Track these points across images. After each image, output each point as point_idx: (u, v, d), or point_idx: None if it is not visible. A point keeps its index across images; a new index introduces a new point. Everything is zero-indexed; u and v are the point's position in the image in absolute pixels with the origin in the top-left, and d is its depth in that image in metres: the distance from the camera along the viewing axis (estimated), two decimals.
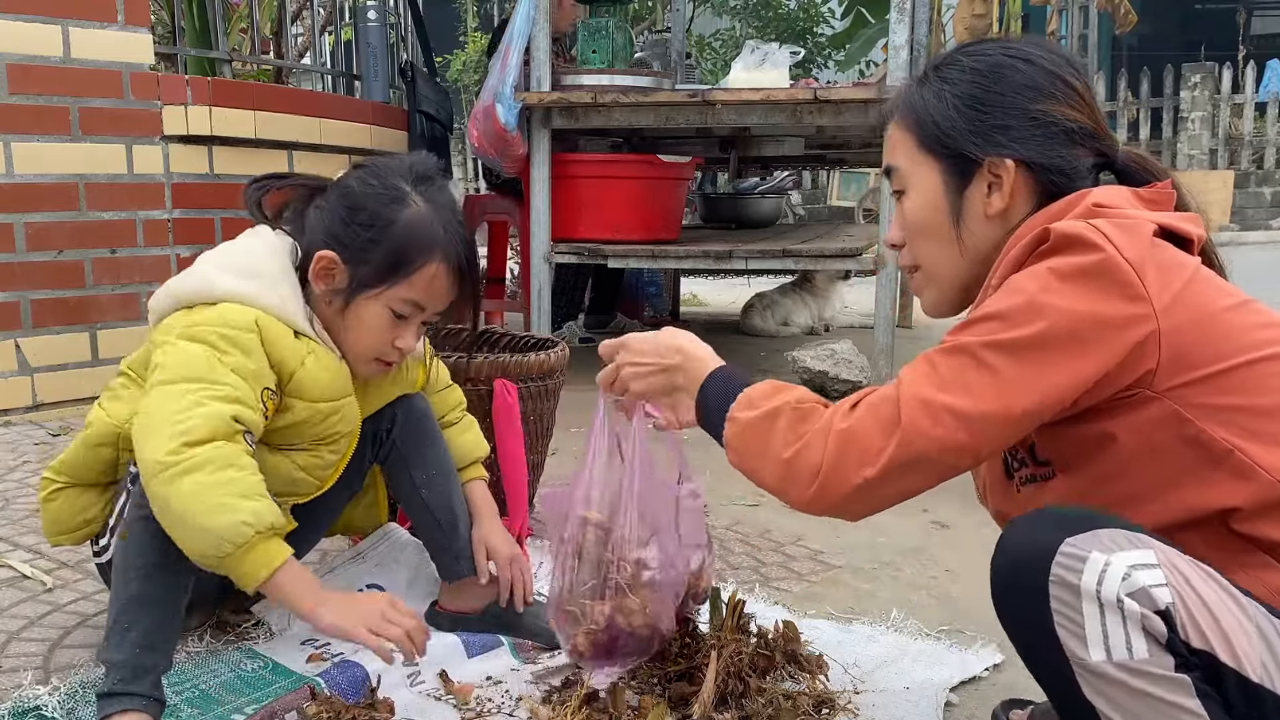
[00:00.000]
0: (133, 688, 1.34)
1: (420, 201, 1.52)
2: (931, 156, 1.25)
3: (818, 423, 1.14)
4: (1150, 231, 1.11)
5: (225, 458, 1.33)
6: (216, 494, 1.31)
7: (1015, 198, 1.21)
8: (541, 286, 4.00)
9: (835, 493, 1.11)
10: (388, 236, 1.49)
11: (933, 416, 1.06)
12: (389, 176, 1.53)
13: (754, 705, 1.43)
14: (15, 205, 3.01)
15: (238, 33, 5.08)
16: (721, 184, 7.19)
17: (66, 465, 1.58)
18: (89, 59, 3.13)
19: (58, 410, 3.11)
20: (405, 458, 1.72)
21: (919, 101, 1.26)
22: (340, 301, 1.53)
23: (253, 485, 1.35)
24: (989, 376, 1.06)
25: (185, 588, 1.42)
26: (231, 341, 1.42)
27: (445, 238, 1.52)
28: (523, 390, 2.12)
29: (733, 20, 12.52)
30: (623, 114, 3.90)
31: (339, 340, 1.55)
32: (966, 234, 1.24)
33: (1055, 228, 1.10)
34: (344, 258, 1.50)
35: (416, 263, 1.50)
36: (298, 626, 1.73)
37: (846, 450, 1.10)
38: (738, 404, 1.22)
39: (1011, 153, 1.20)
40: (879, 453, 1.08)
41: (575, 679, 1.55)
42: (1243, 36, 13.68)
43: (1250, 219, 11.21)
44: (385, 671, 1.53)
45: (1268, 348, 1.09)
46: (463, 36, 14.13)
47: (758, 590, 1.93)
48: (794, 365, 3.77)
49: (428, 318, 1.57)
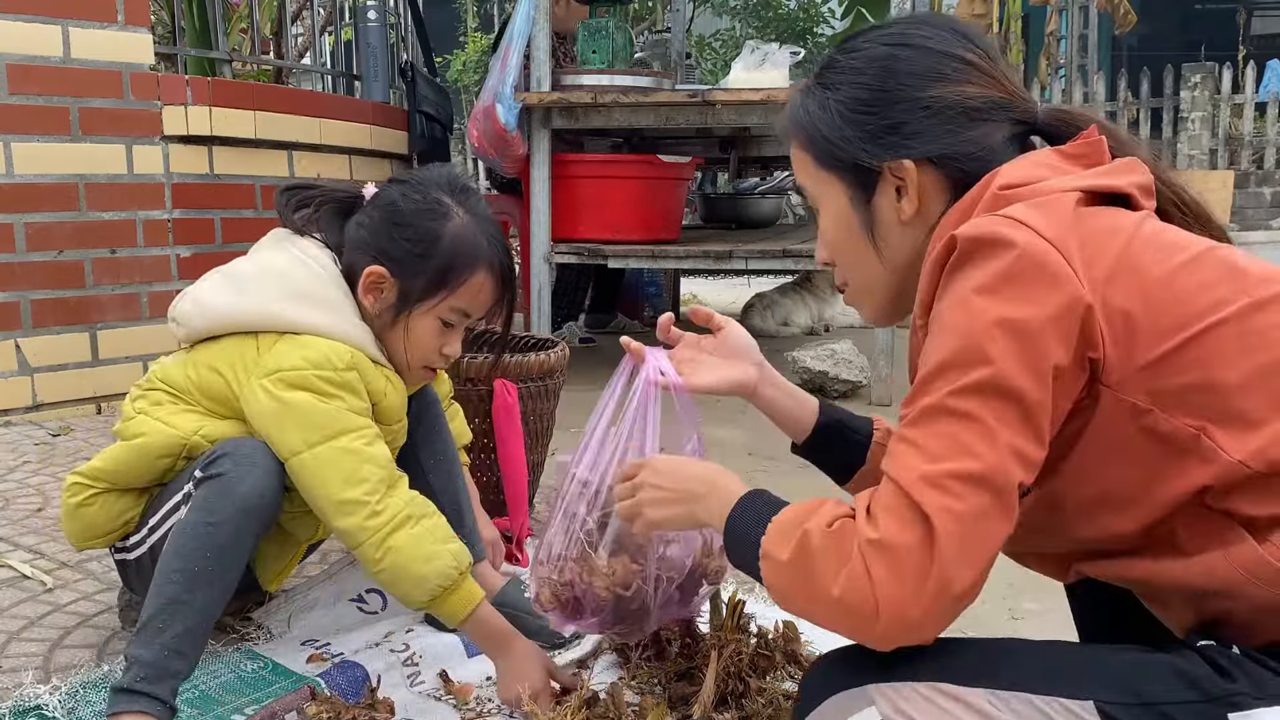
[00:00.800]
0: (153, 689, 1.34)
1: (463, 214, 1.57)
2: (829, 172, 1.17)
3: (852, 547, 0.97)
4: (1071, 203, 1.01)
5: (419, 508, 1.48)
6: (425, 544, 1.46)
7: (926, 197, 1.12)
8: (541, 286, 4.00)
9: (904, 619, 0.94)
10: (437, 251, 1.54)
11: (944, 489, 0.94)
12: (430, 190, 1.57)
13: (754, 705, 1.43)
14: (15, 205, 3.01)
15: (238, 33, 5.07)
16: (721, 184, 7.20)
17: (107, 472, 1.56)
18: (89, 59, 3.13)
19: (57, 410, 3.11)
20: (414, 444, 1.73)
21: (805, 117, 1.17)
22: (390, 315, 1.56)
23: (446, 529, 1.51)
24: (975, 425, 0.95)
25: (222, 602, 1.43)
26: (337, 385, 1.48)
27: (489, 248, 1.57)
28: (523, 390, 2.13)
29: (733, 20, 12.53)
30: (623, 114, 3.90)
31: (391, 353, 1.59)
32: (884, 245, 1.16)
33: (961, 234, 1.00)
34: (393, 272, 1.54)
35: (464, 274, 1.55)
36: (297, 628, 1.74)
37: (888, 571, 0.94)
38: (769, 537, 1.05)
39: (909, 152, 1.11)
40: (920, 558, 0.93)
41: (576, 678, 1.56)
42: (1243, 36, 13.67)
43: (1250, 219, 11.20)
44: (385, 672, 1.53)
45: (1224, 308, 0.97)
46: (463, 36, 14.13)
47: (758, 590, 1.93)
48: (794, 365, 3.77)
49: (471, 324, 1.63)
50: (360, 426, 1.47)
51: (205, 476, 1.42)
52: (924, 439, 0.97)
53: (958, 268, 1.00)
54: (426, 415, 1.75)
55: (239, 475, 1.40)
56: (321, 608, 1.80)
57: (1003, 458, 0.95)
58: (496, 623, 1.52)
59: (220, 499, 1.40)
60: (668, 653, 1.55)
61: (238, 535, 1.40)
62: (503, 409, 2.08)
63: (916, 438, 0.97)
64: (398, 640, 1.67)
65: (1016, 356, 0.95)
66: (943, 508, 0.93)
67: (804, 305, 5.55)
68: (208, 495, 1.40)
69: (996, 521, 0.95)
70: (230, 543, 1.40)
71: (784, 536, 1.03)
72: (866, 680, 1.02)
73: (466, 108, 11.94)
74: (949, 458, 0.95)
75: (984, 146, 1.11)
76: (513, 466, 2.10)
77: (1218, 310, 0.97)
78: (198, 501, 1.41)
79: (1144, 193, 1.07)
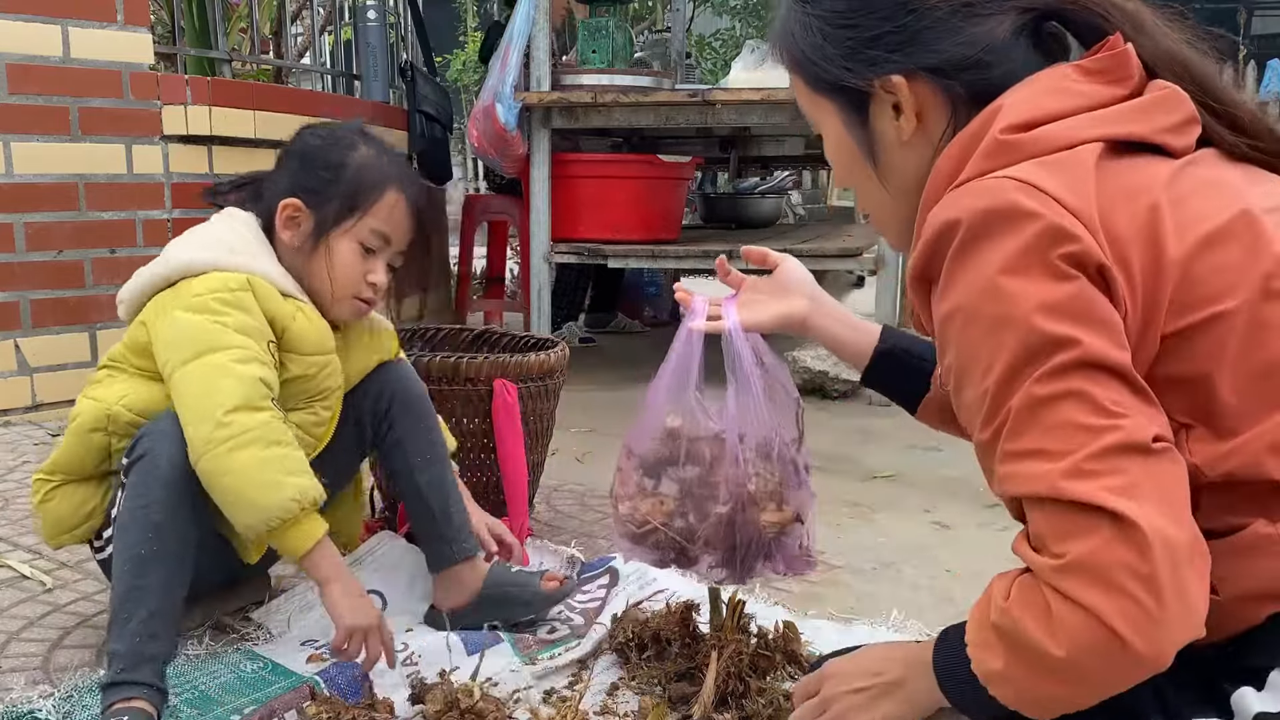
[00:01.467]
0: (135, 676, 1.36)
1: (369, 147, 1.63)
2: (822, 96, 1.07)
3: (1041, 596, 0.87)
4: (1092, 159, 0.90)
5: (270, 434, 1.42)
6: (267, 471, 1.40)
7: (927, 112, 1.01)
8: (541, 286, 4.00)
9: (1151, 624, 0.82)
10: (345, 176, 1.59)
11: (1094, 473, 0.84)
12: (336, 130, 1.65)
13: (754, 705, 1.42)
14: (15, 205, 3.01)
15: (238, 33, 5.07)
16: (721, 184, 7.19)
17: (59, 463, 1.59)
18: (89, 59, 3.13)
19: (57, 410, 3.11)
20: (401, 440, 1.73)
21: (789, 39, 1.07)
22: (310, 244, 1.60)
23: (298, 461, 1.45)
24: (1083, 401, 0.85)
25: (182, 580, 1.44)
26: (229, 303, 1.49)
27: (398, 172, 1.63)
28: (523, 390, 2.12)
29: (733, 20, 12.51)
30: (623, 114, 3.90)
31: (316, 288, 1.62)
32: (887, 168, 1.06)
33: (967, 211, 0.89)
34: (307, 202, 1.59)
35: (375, 194, 1.60)
36: (297, 628, 1.73)
37: (1097, 589, 0.83)
38: (975, 661, 0.93)
39: (897, 66, 0.99)
40: (1121, 552, 0.82)
41: (576, 679, 1.56)
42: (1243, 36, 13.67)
43: None
44: (384, 672, 1.53)
45: (1230, 297, 0.88)
46: (463, 36, 14.12)
47: (758, 590, 1.93)
48: (794, 365, 3.77)
49: (393, 257, 1.64)
50: (236, 344, 1.45)
51: (131, 462, 1.44)
52: (1038, 442, 0.87)
53: (971, 247, 0.89)
54: (413, 412, 1.75)
55: (157, 451, 1.42)
56: (321, 608, 1.79)
57: (1130, 419, 0.85)
58: (331, 564, 1.48)
59: (146, 479, 1.42)
60: (668, 653, 1.55)
61: (173, 510, 1.41)
62: (503, 409, 2.08)
63: (1028, 446, 0.87)
64: (396, 640, 1.67)
65: (1086, 329, 0.85)
66: (1107, 489, 0.83)
67: None
68: (135, 480, 1.43)
69: (1168, 470, 0.85)
70: (167, 519, 1.41)
71: (984, 646, 0.92)
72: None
73: (466, 108, 11.93)
74: (1078, 443, 0.85)
75: (984, 47, 0.98)
76: (513, 466, 2.10)
77: (1227, 297, 0.88)
78: (128, 489, 1.44)
79: (1178, 132, 0.94)
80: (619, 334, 5.55)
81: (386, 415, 1.73)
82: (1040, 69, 0.98)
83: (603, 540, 2.21)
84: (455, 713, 1.42)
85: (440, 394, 2.07)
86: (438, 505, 1.73)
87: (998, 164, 0.92)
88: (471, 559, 1.75)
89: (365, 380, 1.74)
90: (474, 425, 2.09)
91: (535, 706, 1.47)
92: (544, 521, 2.34)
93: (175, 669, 1.53)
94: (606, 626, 1.67)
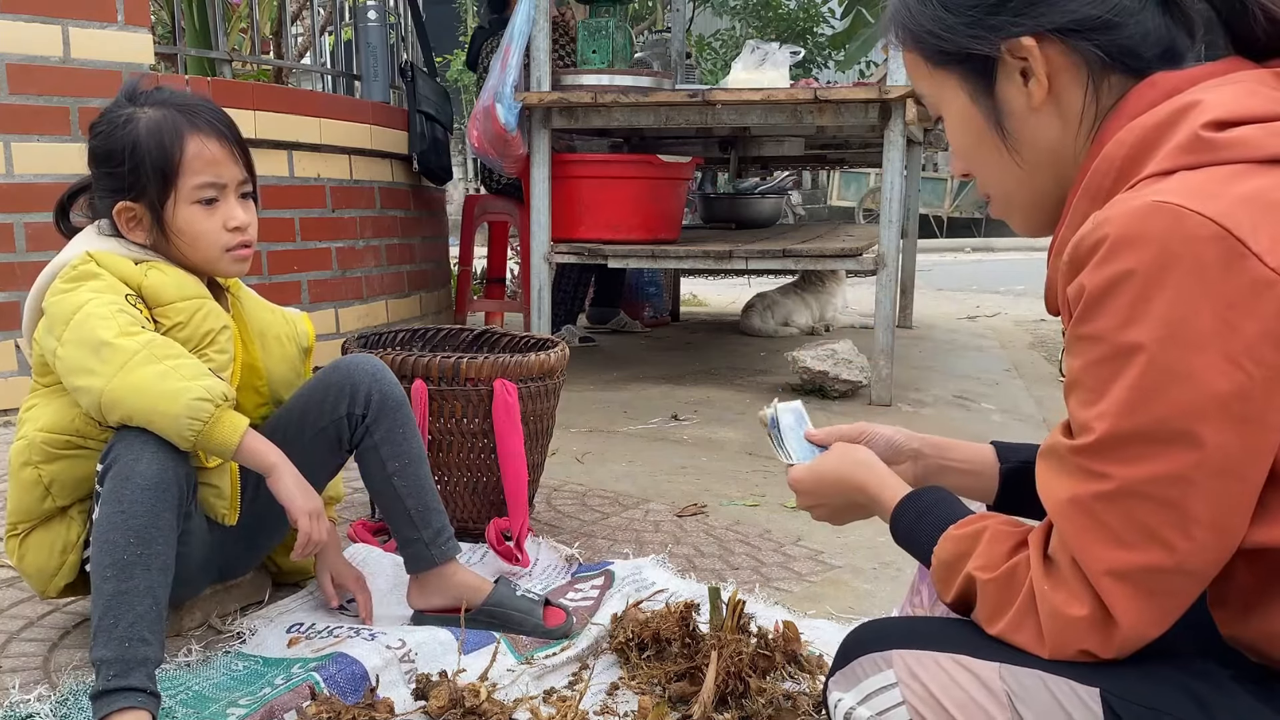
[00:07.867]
0: (126, 681, 1.34)
1: (147, 108, 1.59)
2: (944, 70, 1.06)
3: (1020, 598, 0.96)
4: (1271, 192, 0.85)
5: (157, 350, 1.45)
6: (167, 381, 1.43)
7: (1058, 77, 0.99)
8: (541, 286, 4.00)
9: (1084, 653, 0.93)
10: (140, 153, 1.56)
11: (1132, 583, 0.89)
12: (108, 113, 1.61)
13: (754, 705, 1.43)
14: (15, 205, 3.01)
15: (238, 33, 5.08)
16: (721, 184, 7.19)
17: (14, 513, 1.60)
18: (89, 59, 3.13)
19: None
20: (377, 444, 1.72)
21: (906, 15, 1.07)
22: (159, 231, 1.60)
23: (194, 367, 1.47)
24: (1172, 512, 0.86)
25: (164, 582, 1.42)
26: (77, 277, 1.52)
27: (185, 116, 1.58)
28: (523, 390, 2.12)
29: (733, 20, 12.52)
30: (623, 114, 3.90)
31: (196, 263, 1.63)
32: (1017, 141, 1.03)
33: (1113, 232, 0.86)
34: (131, 199, 1.58)
35: (176, 152, 1.56)
36: (280, 622, 1.74)
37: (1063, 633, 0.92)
38: (934, 571, 1.08)
39: (1025, 28, 0.98)
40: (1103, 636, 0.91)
41: (576, 678, 1.56)
42: None
43: None
44: (383, 669, 1.53)
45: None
46: (463, 36, 14.13)
47: (758, 590, 1.93)
48: (794, 365, 3.77)
49: (237, 189, 1.62)
50: (96, 299, 1.49)
51: (105, 470, 1.44)
52: (1111, 518, 0.89)
53: (1170, 290, 0.84)
54: (391, 416, 1.73)
55: (134, 455, 1.42)
56: (309, 608, 1.81)
57: (1199, 544, 0.87)
58: (271, 449, 1.52)
59: (124, 485, 1.41)
60: (667, 652, 1.55)
61: (153, 513, 1.41)
62: (503, 409, 2.08)
63: (1102, 513, 0.89)
64: (393, 636, 1.67)
65: (1229, 429, 0.84)
66: (1129, 599, 0.89)
67: (804, 305, 5.55)
68: (111, 486, 1.42)
69: (1187, 590, 0.90)
70: (148, 523, 1.40)
71: (944, 583, 1.04)
72: (893, 645, 1.02)
73: (466, 108, 11.94)
74: (1139, 548, 0.88)
75: (1113, 6, 0.96)
76: (513, 466, 2.10)
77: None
78: (105, 497, 1.43)
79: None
80: (620, 332, 5.55)
81: (364, 420, 1.71)
82: (1169, 35, 0.98)
83: (602, 540, 2.21)
84: (459, 710, 1.42)
85: (441, 394, 2.07)
86: (415, 508, 1.72)
87: (1196, 161, 0.89)
88: (452, 561, 1.75)
89: (341, 383, 1.72)
90: (474, 425, 2.10)
91: (535, 706, 1.47)
92: (544, 521, 2.34)
93: (166, 675, 1.52)
94: (603, 625, 1.67)
